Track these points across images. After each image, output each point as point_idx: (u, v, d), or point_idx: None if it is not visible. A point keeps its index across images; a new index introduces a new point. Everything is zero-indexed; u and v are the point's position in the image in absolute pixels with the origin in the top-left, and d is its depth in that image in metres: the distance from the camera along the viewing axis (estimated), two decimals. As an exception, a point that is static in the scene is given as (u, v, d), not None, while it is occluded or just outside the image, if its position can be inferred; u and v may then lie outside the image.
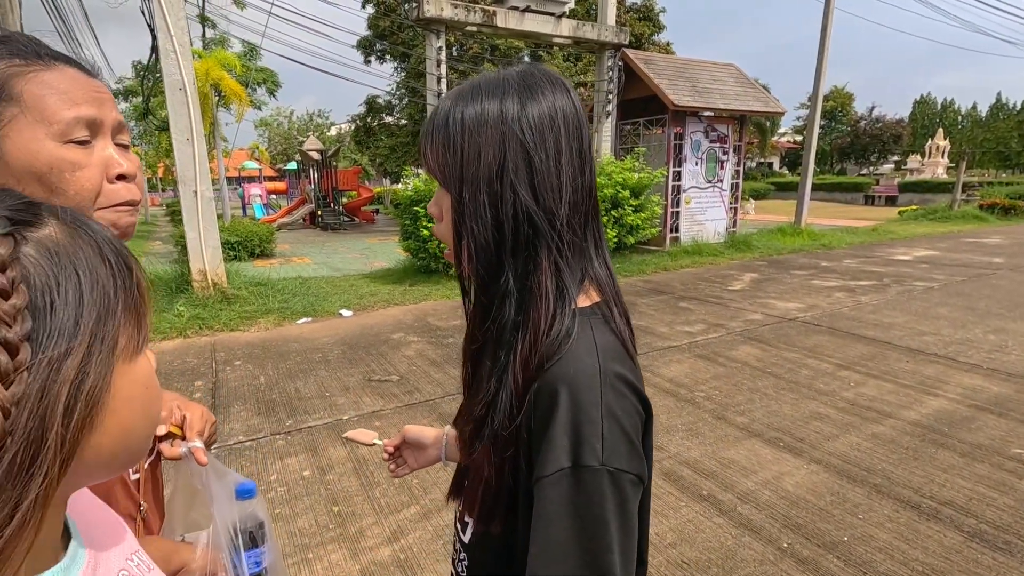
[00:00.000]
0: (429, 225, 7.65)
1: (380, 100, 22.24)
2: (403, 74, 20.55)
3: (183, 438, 0.82)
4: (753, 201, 21.45)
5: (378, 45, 19.98)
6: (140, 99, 19.68)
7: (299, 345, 5.30)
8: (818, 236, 12.39)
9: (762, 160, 43.41)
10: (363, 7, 19.82)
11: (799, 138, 46.03)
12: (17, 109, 0.61)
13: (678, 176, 10.71)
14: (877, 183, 28.94)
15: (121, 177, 0.68)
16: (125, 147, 0.70)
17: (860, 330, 5.48)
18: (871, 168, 42.95)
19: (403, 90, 20.71)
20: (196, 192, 6.27)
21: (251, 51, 19.95)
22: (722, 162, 11.26)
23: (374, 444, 1.08)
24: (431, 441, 1.03)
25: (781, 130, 46.44)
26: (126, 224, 0.71)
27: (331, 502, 2.72)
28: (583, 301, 0.66)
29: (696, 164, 10.91)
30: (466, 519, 0.73)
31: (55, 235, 0.37)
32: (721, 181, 11.35)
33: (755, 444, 3.25)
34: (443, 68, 8.94)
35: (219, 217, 7.53)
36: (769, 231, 12.74)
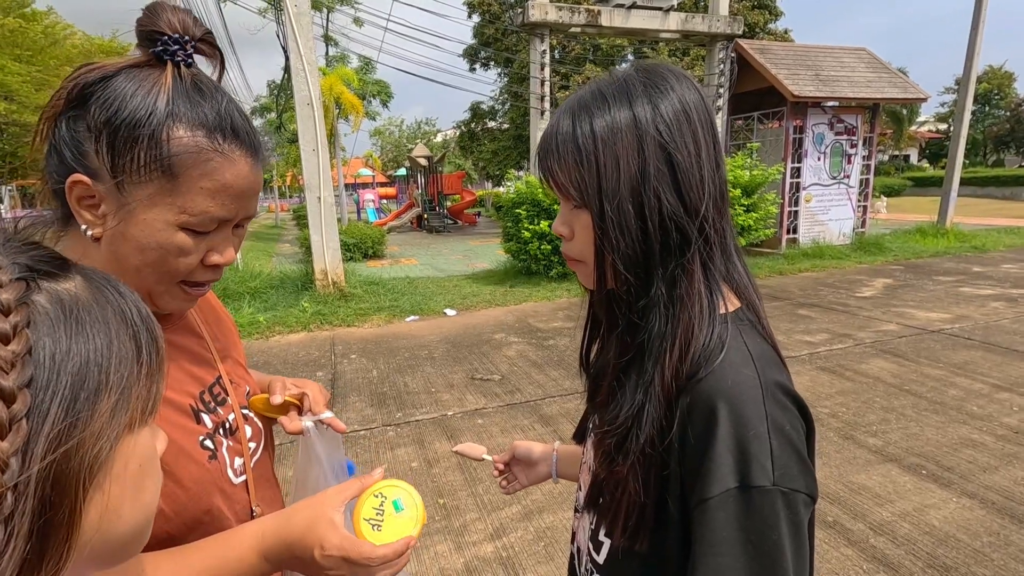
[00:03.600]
0: (530, 227, 7.72)
1: (484, 106, 22.90)
2: (506, 79, 20.99)
3: (299, 410, 0.83)
4: (884, 199, 19.29)
5: (483, 52, 20.58)
6: (274, 115, 21.86)
7: (407, 342, 5.58)
8: (967, 237, 10.86)
9: (896, 153, 38.94)
10: (469, 17, 20.52)
11: (943, 127, 40.76)
12: (169, 186, 0.59)
13: (797, 172, 9.91)
14: (1045, 175, 24.83)
15: (214, 265, 0.67)
16: (241, 227, 0.69)
17: (1025, 346, 4.72)
18: (1037, 158, 36.92)
19: (506, 95, 21.14)
20: (320, 198, 6.83)
21: (367, 65, 21.43)
22: (849, 156, 10.26)
23: (483, 459, 1.07)
24: (539, 456, 1.01)
25: (921, 118, 41.24)
26: (195, 299, 0.70)
27: (437, 494, 2.82)
28: (727, 305, 0.62)
29: (818, 159, 10.03)
30: (601, 538, 0.69)
31: (75, 290, 0.35)
32: (848, 177, 10.33)
33: (891, 470, 2.90)
34: (547, 71, 9.01)
35: (338, 221, 8.14)
36: (905, 231, 11.39)
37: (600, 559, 0.70)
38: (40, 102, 11.32)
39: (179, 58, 0.61)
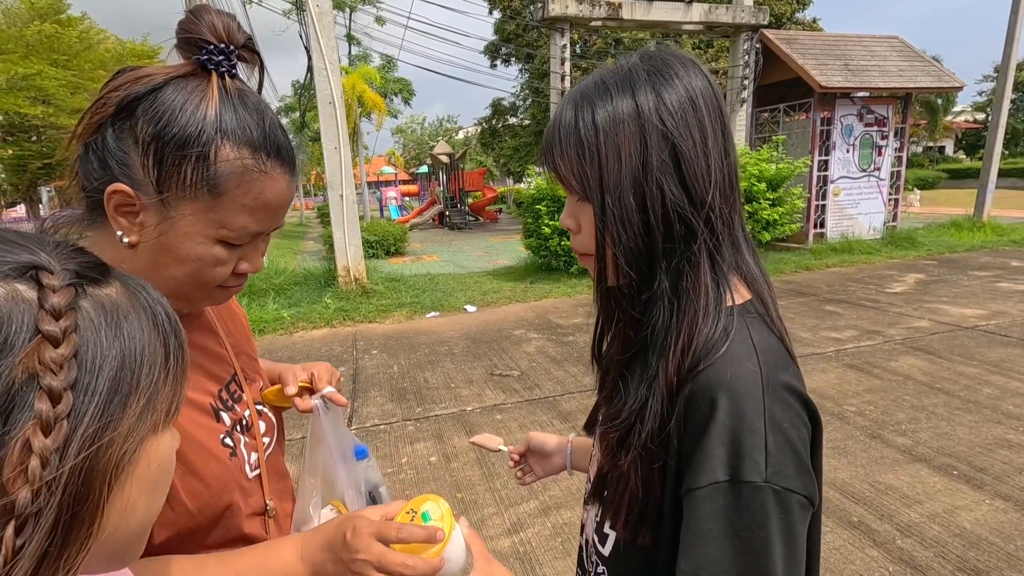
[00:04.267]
0: (550, 223, 7.70)
1: (505, 102, 22.91)
2: (527, 75, 20.94)
3: (312, 392, 0.86)
4: (918, 192, 18.68)
5: (504, 48, 20.56)
6: (297, 114, 22.19)
7: (428, 338, 5.62)
8: (1006, 231, 10.46)
9: (931, 144, 37.69)
10: (490, 13, 20.50)
11: (980, 116, 39.24)
12: (212, 203, 0.61)
13: (825, 165, 9.66)
14: (1091, 166, 23.75)
15: (242, 273, 0.69)
16: (268, 234, 0.71)
17: (1066, 344, 4.53)
18: (1082, 148, 35.28)
19: (527, 91, 21.10)
20: (342, 196, 6.91)
21: (388, 63, 21.60)
22: (879, 148, 9.96)
23: (499, 450, 1.09)
24: (553, 448, 1.02)
25: (957, 108, 39.76)
26: (230, 295, 0.73)
27: (455, 488, 2.84)
28: (734, 297, 0.61)
29: (847, 151, 9.76)
30: (606, 530, 0.69)
31: (116, 296, 0.37)
32: (878, 169, 10.04)
33: (920, 470, 2.82)
34: (567, 66, 8.94)
35: (360, 218, 8.24)
36: (939, 225, 11.03)
37: (605, 551, 0.70)
38: (75, 105, 11.68)
39: (223, 68, 0.61)
